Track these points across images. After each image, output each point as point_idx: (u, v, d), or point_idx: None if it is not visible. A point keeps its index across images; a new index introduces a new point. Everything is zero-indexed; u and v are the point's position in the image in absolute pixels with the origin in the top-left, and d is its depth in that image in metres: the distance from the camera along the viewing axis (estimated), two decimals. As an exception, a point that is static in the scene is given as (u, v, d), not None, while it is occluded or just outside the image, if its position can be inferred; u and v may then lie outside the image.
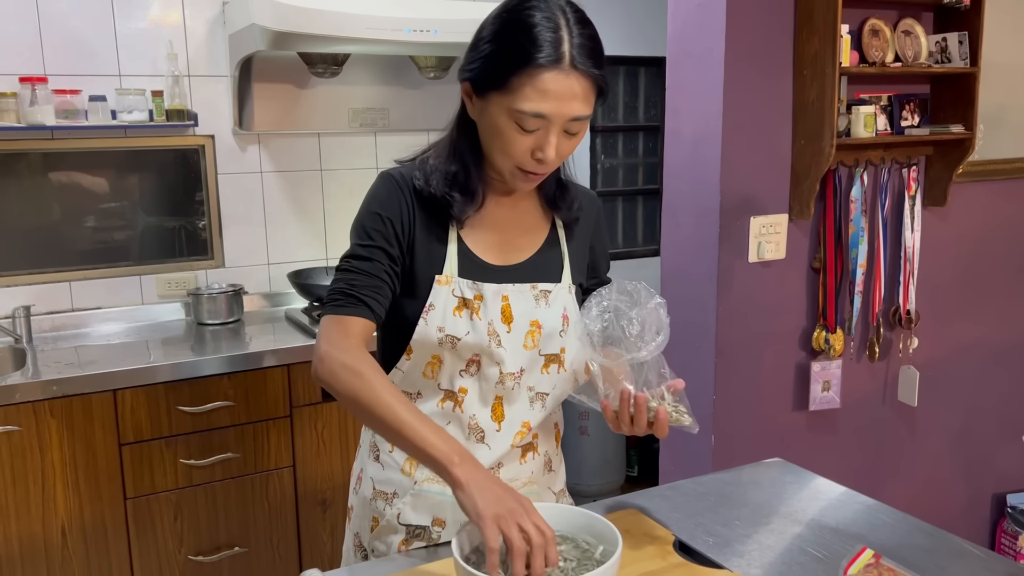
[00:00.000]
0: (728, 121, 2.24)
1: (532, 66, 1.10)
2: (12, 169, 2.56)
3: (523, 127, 1.14)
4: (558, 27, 1.11)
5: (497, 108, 1.15)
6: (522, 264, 1.31)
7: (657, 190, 4.19)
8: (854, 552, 1.20)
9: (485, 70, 1.15)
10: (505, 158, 1.19)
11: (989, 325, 2.81)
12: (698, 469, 2.40)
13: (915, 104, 2.47)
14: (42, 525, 2.19)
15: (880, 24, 2.36)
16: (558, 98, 1.11)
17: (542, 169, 1.19)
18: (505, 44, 1.13)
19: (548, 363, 1.31)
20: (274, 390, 2.42)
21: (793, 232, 2.40)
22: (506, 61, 1.12)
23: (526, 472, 1.34)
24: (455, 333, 1.24)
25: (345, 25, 2.43)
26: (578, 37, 1.12)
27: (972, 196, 2.67)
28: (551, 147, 1.15)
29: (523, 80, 1.11)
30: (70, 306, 2.69)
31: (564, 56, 1.11)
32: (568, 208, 1.34)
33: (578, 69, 1.11)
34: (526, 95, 1.11)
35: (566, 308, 1.32)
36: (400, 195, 1.25)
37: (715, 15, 2.21)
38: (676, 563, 1.19)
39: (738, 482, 1.53)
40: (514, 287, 1.28)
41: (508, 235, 1.31)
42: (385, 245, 1.23)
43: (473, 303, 1.25)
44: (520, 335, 1.28)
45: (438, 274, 1.25)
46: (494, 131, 1.17)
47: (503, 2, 1.18)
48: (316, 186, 3.00)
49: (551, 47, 1.10)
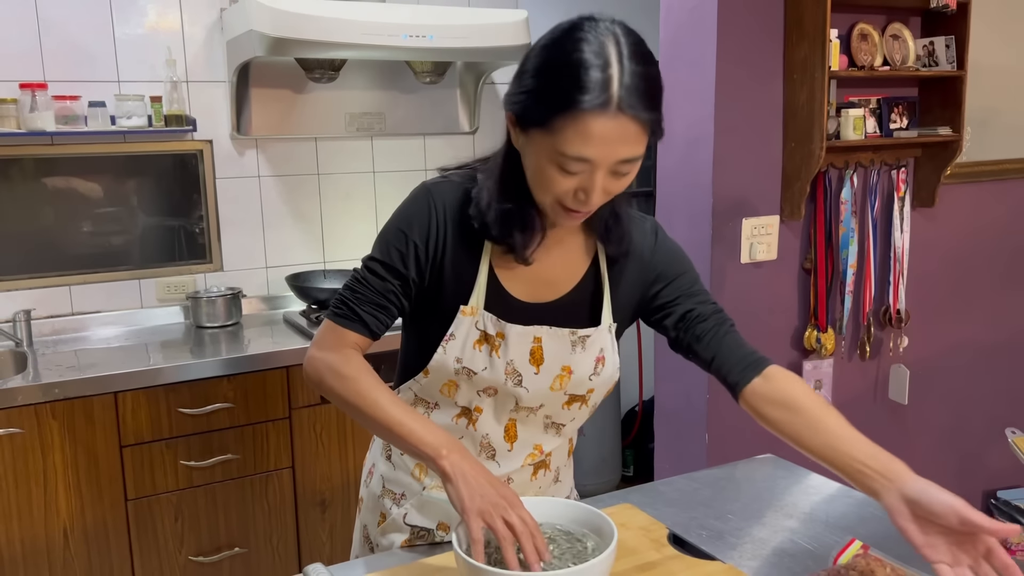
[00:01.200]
0: (720, 124, 2.27)
1: (576, 109, 1.00)
2: (12, 175, 2.58)
3: (565, 169, 1.05)
4: (607, 64, 1.00)
5: (539, 146, 1.06)
6: (553, 304, 1.24)
7: (650, 192, 4.22)
8: (843, 543, 1.23)
9: (527, 106, 1.06)
10: (545, 195, 1.11)
11: (978, 324, 2.85)
12: (692, 467, 2.43)
13: (903, 107, 2.52)
14: (44, 527, 2.21)
15: (869, 28, 2.40)
16: (603, 143, 1.02)
17: (586, 208, 1.10)
18: (548, 81, 1.04)
19: (572, 402, 1.28)
20: (273, 392, 2.44)
21: (784, 233, 2.43)
22: (548, 100, 1.03)
23: (535, 487, 1.34)
24: (472, 367, 1.21)
25: (342, 31, 2.46)
26: (629, 76, 1.01)
27: (960, 197, 2.71)
28: (596, 191, 1.06)
29: (566, 123, 1.01)
30: (70, 310, 2.71)
31: (612, 99, 1.00)
32: (618, 243, 1.24)
33: (627, 113, 1.01)
34: (568, 138, 1.02)
35: (603, 350, 1.27)
36: (433, 218, 1.19)
37: (707, 20, 2.25)
38: (670, 555, 1.22)
39: (731, 477, 1.57)
40: (550, 330, 1.22)
41: (543, 270, 1.23)
42: (402, 268, 1.20)
43: (494, 340, 1.21)
44: (548, 378, 1.23)
45: (463, 304, 1.20)
46: (536, 168, 1.09)
47: (552, 31, 1.08)
48: (313, 190, 3.03)
49: (598, 89, 1.00)
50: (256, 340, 2.62)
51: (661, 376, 2.59)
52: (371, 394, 1.15)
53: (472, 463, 1.09)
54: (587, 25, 1.05)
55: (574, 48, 1.02)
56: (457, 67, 3.10)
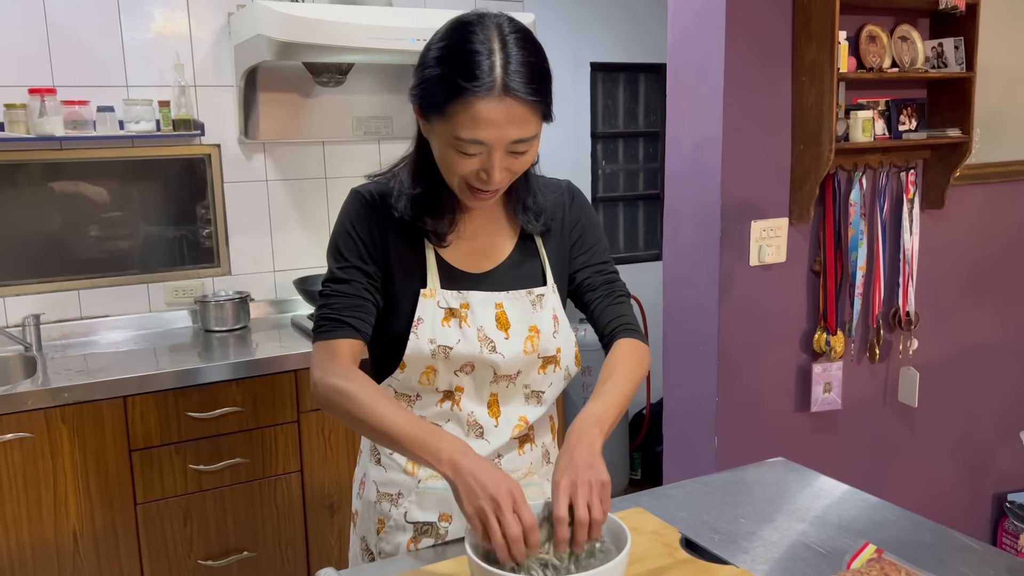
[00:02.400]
0: (728, 126, 2.27)
1: (465, 95, 1.09)
2: (21, 179, 2.59)
3: (463, 151, 1.14)
4: (492, 52, 1.10)
5: (439, 132, 1.15)
6: (497, 269, 1.32)
7: (657, 195, 4.22)
8: (857, 547, 1.22)
9: (425, 95, 1.15)
10: (452, 177, 1.19)
11: (988, 326, 2.84)
12: (702, 470, 2.42)
13: (912, 109, 2.51)
14: (54, 531, 2.22)
15: (877, 30, 2.39)
16: (492, 125, 1.10)
17: (490, 187, 1.18)
18: (442, 71, 1.12)
19: (545, 364, 1.34)
20: (281, 396, 2.44)
21: (793, 236, 2.43)
22: (442, 88, 1.11)
23: (525, 463, 1.37)
24: (446, 342, 1.26)
25: (349, 35, 2.46)
26: (514, 61, 1.10)
27: (969, 199, 2.70)
28: (495, 169, 1.15)
29: (458, 108, 1.10)
30: (79, 314, 2.71)
31: (496, 83, 1.09)
32: (535, 220, 1.33)
33: (511, 95, 1.09)
34: (461, 123, 1.11)
35: (555, 309, 1.34)
36: (369, 213, 1.27)
37: (715, 22, 2.24)
38: (683, 559, 1.22)
39: (742, 481, 1.56)
40: (507, 294, 1.30)
41: (480, 242, 1.32)
42: (360, 264, 1.26)
43: (460, 311, 1.27)
44: (520, 340, 1.29)
45: (422, 288, 1.27)
46: (439, 152, 1.18)
47: (445, 27, 1.17)
48: (321, 194, 3.03)
49: (484, 75, 1.09)
50: (264, 344, 2.63)
51: (669, 379, 2.58)
52: (372, 408, 1.17)
53: (471, 462, 1.08)
54: (476, 19, 1.14)
55: (464, 39, 1.12)
56: (464, 70, 3.10)
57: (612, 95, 4.05)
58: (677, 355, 2.53)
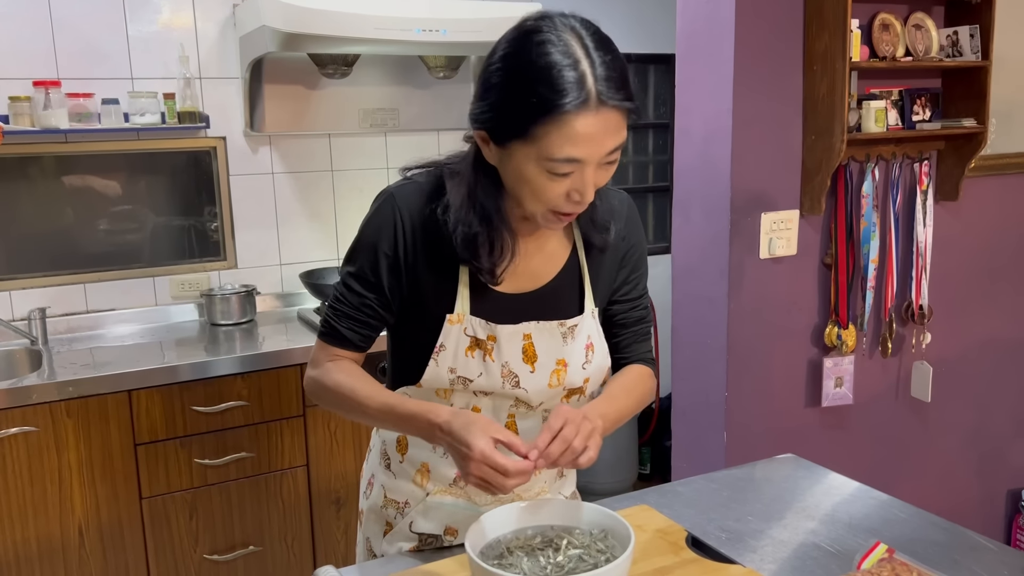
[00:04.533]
0: (738, 117, 2.24)
1: (556, 112, 0.99)
2: (26, 172, 2.58)
3: (555, 172, 1.03)
4: (577, 61, 0.99)
5: (522, 157, 1.04)
6: (537, 293, 1.22)
7: (667, 187, 4.18)
8: (867, 547, 1.20)
9: (501, 120, 1.04)
10: (537, 205, 1.08)
11: (1003, 320, 2.80)
12: (710, 466, 2.40)
13: (926, 98, 2.46)
14: (59, 525, 2.21)
15: (890, 18, 2.35)
16: (590, 140, 1.01)
17: (579, 209, 1.09)
18: (521, 92, 1.01)
19: (570, 395, 1.27)
20: (287, 390, 2.43)
21: (804, 228, 2.39)
22: (525, 110, 1.00)
23: (539, 481, 1.33)
24: (467, 374, 1.19)
25: (354, 26, 2.44)
26: (601, 67, 1.00)
27: (984, 190, 2.65)
28: (590, 187, 1.06)
29: (549, 128, 1.00)
30: (85, 308, 2.71)
31: (591, 95, 0.99)
32: (603, 231, 1.23)
33: (608, 104, 1.01)
34: (554, 142, 1.00)
35: (590, 337, 1.25)
36: (399, 226, 1.17)
37: (724, 11, 2.21)
38: (688, 559, 1.20)
39: (751, 478, 1.53)
40: (538, 325, 1.21)
41: (525, 262, 1.21)
42: (375, 279, 1.19)
43: (486, 344, 1.19)
44: (545, 374, 1.22)
45: (448, 312, 1.18)
46: (521, 179, 1.06)
47: (508, 40, 1.05)
48: (327, 187, 3.01)
49: (575, 88, 0.99)
50: (271, 338, 2.61)
51: (678, 374, 2.56)
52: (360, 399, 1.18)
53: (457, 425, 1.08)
54: (545, 26, 1.02)
55: (539, 53, 1.00)
56: (471, 61, 3.08)
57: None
58: (686, 349, 2.51)
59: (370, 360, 1.29)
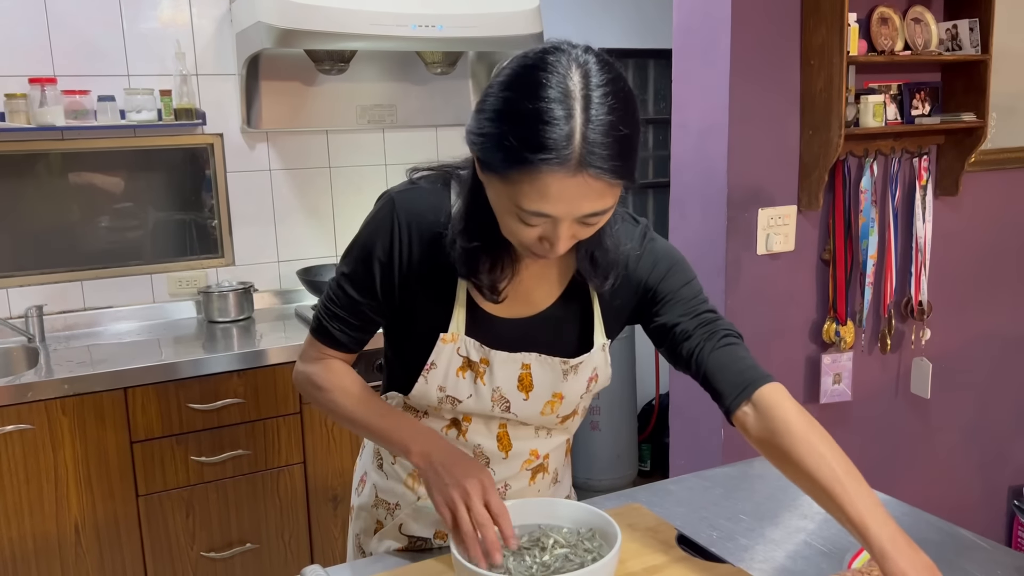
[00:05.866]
0: (735, 112, 2.22)
1: (531, 164, 0.89)
2: (22, 170, 2.58)
3: (525, 221, 0.96)
4: (570, 115, 0.88)
5: (498, 194, 0.97)
6: (537, 317, 1.16)
7: (668, 183, 4.16)
8: (858, 546, 1.19)
9: (485, 151, 0.95)
10: (511, 237, 1.02)
11: (1003, 316, 2.78)
12: (708, 463, 2.39)
13: (926, 93, 2.45)
14: (56, 523, 2.21)
15: (889, 12, 2.33)
16: (563, 201, 0.92)
17: (554, 255, 1.00)
18: (505, 130, 0.91)
19: (564, 420, 1.24)
20: (284, 387, 2.42)
21: (802, 223, 2.38)
22: (505, 152, 0.91)
23: (533, 491, 1.30)
24: (456, 395, 1.16)
25: (350, 22, 2.43)
26: (595, 129, 0.89)
27: (984, 185, 2.63)
28: (561, 241, 0.97)
29: (523, 177, 0.91)
30: (82, 305, 2.71)
31: (572, 157, 0.88)
32: (603, 278, 1.12)
33: (589, 171, 0.89)
34: (525, 193, 0.92)
35: (595, 369, 1.20)
36: (398, 235, 1.11)
37: (720, 5, 2.19)
38: (678, 557, 1.19)
39: (744, 476, 1.53)
40: (539, 358, 1.15)
41: (522, 286, 1.14)
42: (368, 284, 1.15)
43: (479, 367, 1.15)
44: (539, 403, 1.18)
45: (443, 331, 1.13)
46: (497, 211, 1.00)
47: (513, 66, 0.95)
48: (325, 183, 3.01)
49: (557, 146, 0.88)
50: (268, 335, 2.61)
51: (675, 371, 2.54)
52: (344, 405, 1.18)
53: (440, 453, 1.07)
54: (552, 60, 0.91)
55: (535, 93, 0.89)
56: (468, 57, 3.06)
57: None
58: (683, 346, 2.49)
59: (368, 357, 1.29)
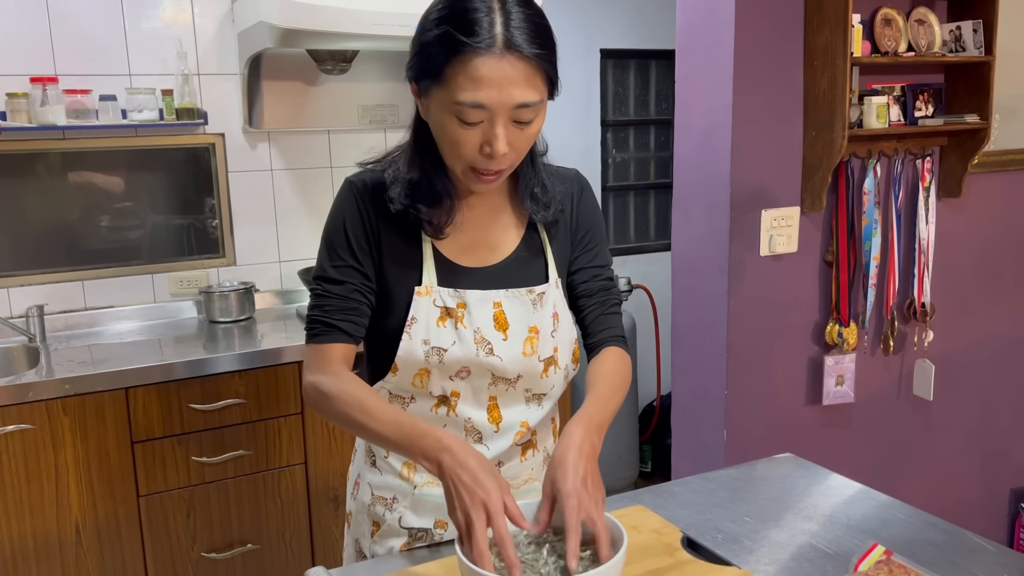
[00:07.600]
0: (738, 113, 2.22)
1: (463, 53, 1.04)
2: (24, 169, 2.57)
3: (464, 120, 1.07)
4: (491, 9, 1.05)
5: (438, 104, 1.09)
6: (502, 264, 1.26)
7: (670, 184, 4.16)
8: (865, 548, 1.18)
9: (422, 62, 1.09)
10: (455, 158, 1.13)
11: (1006, 318, 2.77)
12: (710, 464, 2.39)
13: (929, 94, 2.44)
14: (56, 523, 2.21)
15: (892, 13, 2.33)
16: (494, 84, 1.04)
17: (495, 165, 1.11)
18: (439, 30, 1.06)
19: (547, 367, 1.28)
20: (285, 387, 2.42)
21: (805, 225, 2.37)
22: (439, 51, 1.06)
23: (527, 470, 1.33)
24: (440, 344, 1.20)
25: (352, 21, 2.42)
26: (515, 17, 1.06)
27: (988, 187, 2.63)
28: (499, 140, 1.08)
29: (456, 69, 1.05)
30: (83, 305, 2.70)
31: (497, 39, 1.04)
32: (545, 209, 1.26)
33: (513, 51, 1.04)
34: (460, 84, 1.05)
35: (556, 306, 1.28)
36: (361, 205, 1.22)
37: (724, 6, 2.19)
38: (683, 560, 1.18)
39: (749, 478, 1.52)
40: (507, 293, 1.24)
41: (482, 235, 1.26)
42: (353, 263, 1.22)
43: (456, 312, 1.21)
44: (518, 342, 1.24)
45: (417, 285, 1.21)
46: (440, 129, 1.11)
47: None
48: (327, 183, 3.00)
49: (483, 30, 1.04)
50: (269, 335, 2.60)
51: (678, 372, 2.54)
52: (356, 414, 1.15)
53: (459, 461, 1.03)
54: None
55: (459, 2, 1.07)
56: (471, 58, 3.06)
57: (623, 82, 4.00)
58: (686, 347, 2.49)
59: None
